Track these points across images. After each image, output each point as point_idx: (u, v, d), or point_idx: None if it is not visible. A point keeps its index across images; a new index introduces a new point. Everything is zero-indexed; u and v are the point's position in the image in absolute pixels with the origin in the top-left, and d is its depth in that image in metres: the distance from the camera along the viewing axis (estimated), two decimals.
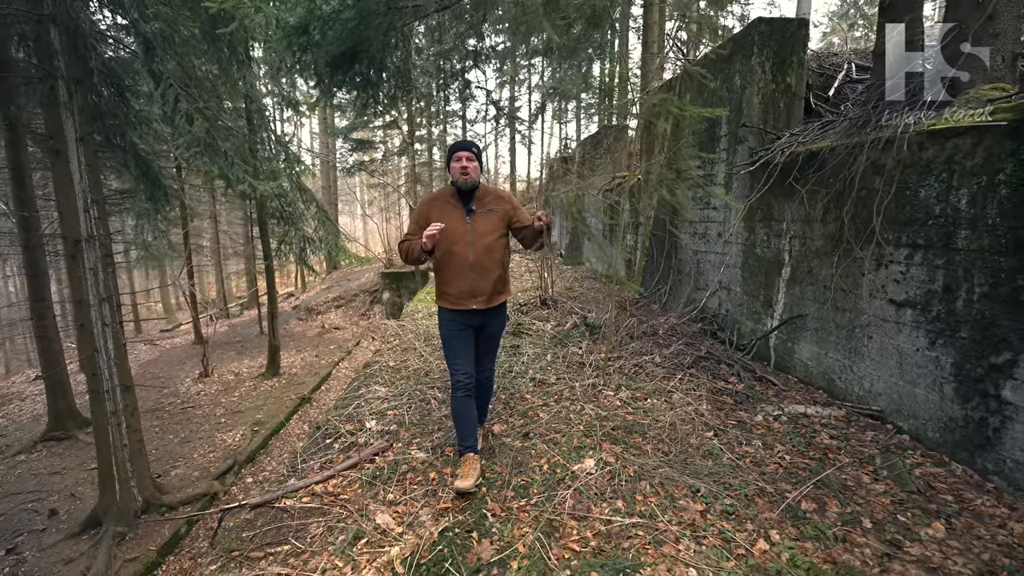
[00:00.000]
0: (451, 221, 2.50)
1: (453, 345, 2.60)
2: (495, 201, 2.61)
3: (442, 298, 2.61)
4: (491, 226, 2.55)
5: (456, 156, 2.50)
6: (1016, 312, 2.31)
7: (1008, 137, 2.33)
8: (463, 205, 2.56)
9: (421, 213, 2.59)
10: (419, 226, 2.53)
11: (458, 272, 2.51)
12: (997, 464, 2.41)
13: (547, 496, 2.40)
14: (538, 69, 19.99)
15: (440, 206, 2.57)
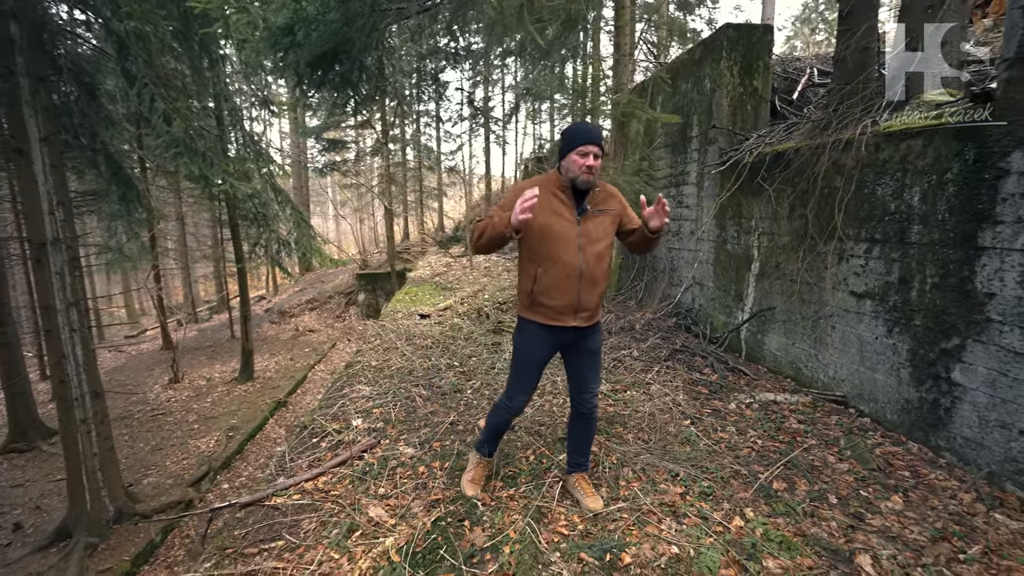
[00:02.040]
0: (558, 219, 2.01)
1: (529, 369, 2.18)
2: (607, 199, 2.13)
3: (534, 310, 2.11)
4: (603, 230, 2.09)
5: (583, 150, 1.96)
6: (963, 301, 2.51)
7: (954, 139, 2.53)
8: (575, 203, 2.06)
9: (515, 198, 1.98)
10: (506, 212, 1.98)
11: (563, 283, 2.02)
12: (948, 441, 2.61)
13: (535, 485, 2.47)
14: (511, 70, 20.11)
15: (544, 197, 2.01)
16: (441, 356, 4.63)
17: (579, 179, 1.99)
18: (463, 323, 5.81)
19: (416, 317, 6.43)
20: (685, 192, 5.32)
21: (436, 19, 6.23)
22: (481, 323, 5.76)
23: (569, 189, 2.05)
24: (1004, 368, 2.33)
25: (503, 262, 11.75)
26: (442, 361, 4.48)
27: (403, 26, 5.31)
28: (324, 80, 4.00)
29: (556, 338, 2.15)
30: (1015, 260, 2.28)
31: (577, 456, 2.41)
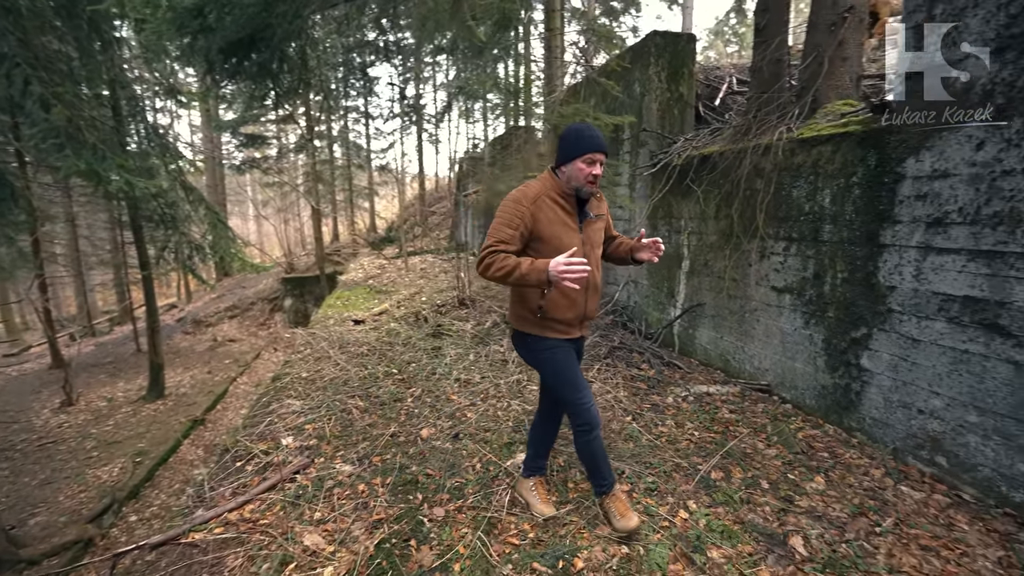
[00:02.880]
0: (565, 230, 1.89)
1: (576, 375, 2.02)
2: (600, 203, 2.06)
3: (546, 328, 1.98)
4: (600, 236, 2.04)
5: (590, 157, 1.84)
6: (869, 293, 2.75)
7: (859, 146, 2.77)
8: (577, 210, 1.95)
9: (522, 215, 1.84)
10: (518, 233, 1.83)
11: (572, 294, 1.92)
12: (859, 422, 2.85)
13: (483, 495, 2.40)
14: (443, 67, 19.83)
15: (549, 207, 1.88)
16: (378, 364, 4.43)
17: (583, 189, 1.89)
18: (401, 328, 5.61)
19: (350, 323, 6.12)
20: (618, 193, 5.47)
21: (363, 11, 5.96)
22: (420, 327, 5.58)
23: (572, 197, 1.93)
24: (904, 354, 2.58)
25: (439, 263, 11.54)
26: (379, 369, 4.28)
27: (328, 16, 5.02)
28: (240, 69, 3.66)
29: (569, 346, 2.06)
30: (911, 256, 2.52)
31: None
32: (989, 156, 2.17)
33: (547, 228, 1.87)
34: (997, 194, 2.15)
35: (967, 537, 2.03)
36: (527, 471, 2.39)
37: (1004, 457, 2.17)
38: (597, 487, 2.17)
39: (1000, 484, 2.19)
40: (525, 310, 2.00)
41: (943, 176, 2.36)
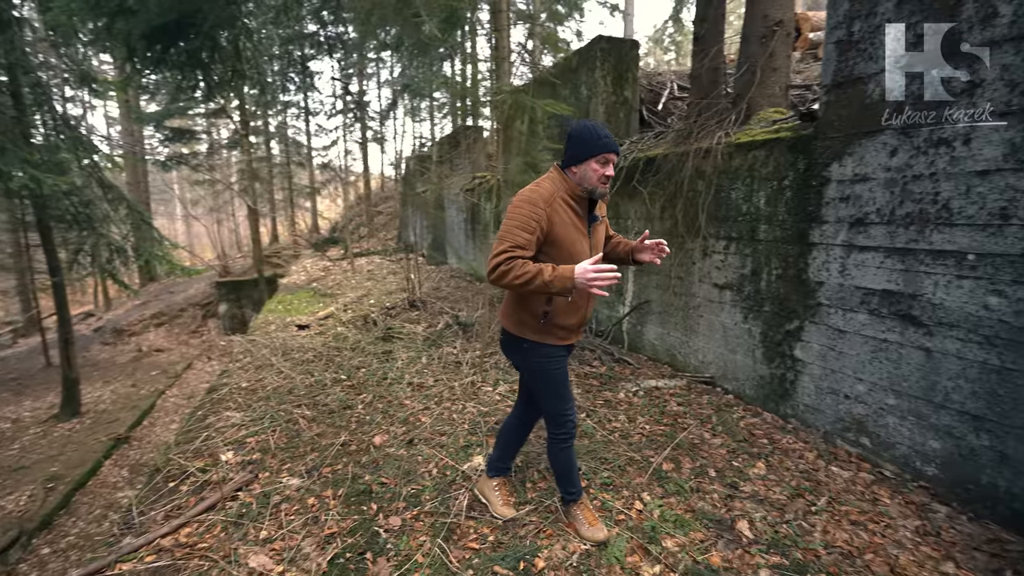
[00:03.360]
0: (578, 235, 1.83)
1: (565, 385, 2.00)
2: (603, 205, 2.01)
3: (549, 334, 1.91)
4: (603, 238, 2.00)
5: (605, 158, 1.78)
6: (800, 288, 2.95)
7: (789, 151, 2.96)
8: (587, 213, 1.89)
9: (538, 217, 1.74)
10: (534, 237, 1.73)
11: (579, 300, 1.89)
12: (794, 409, 3.05)
13: (441, 500, 2.36)
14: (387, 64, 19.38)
15: (563, 210, 1.80)
16: (326, 370, 4.25)
17: (597, 191, 1.81)
18: (348, 332, 5.42)
19: (293, 328, 5.84)
20: None
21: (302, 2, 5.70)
22: (369, 331, 5.41)
23: (585, 200, 1.85)
24: (832, 344, 2.79)
25: (387, 264, 11.27)
26: (327, 375, 4.10)
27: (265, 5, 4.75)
28: (165, 58, 3.38)
29: (566, 354, 2.02)
30: (836, 254, 2.73)
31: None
32: (901, 162, 2.39)
33: (562, 232, 1.77)
34: (909, 197, 2.36)
35: (889, 510, 2.22)
36: (492, 470, 2.36)
37: (918, 435, 2.39)
38: (567, 494, 2.16)
39: (915, 460, 2.41)
40: (527, 315, 1.90)
41: (863, 180, 2.57)
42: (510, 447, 2.34)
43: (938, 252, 2.26)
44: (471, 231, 9.15)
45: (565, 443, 2.03)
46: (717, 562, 1.93)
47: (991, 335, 2.09)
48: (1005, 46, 2.00)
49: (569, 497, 2.16)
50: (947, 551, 1.97)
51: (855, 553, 1.96)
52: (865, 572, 1.86)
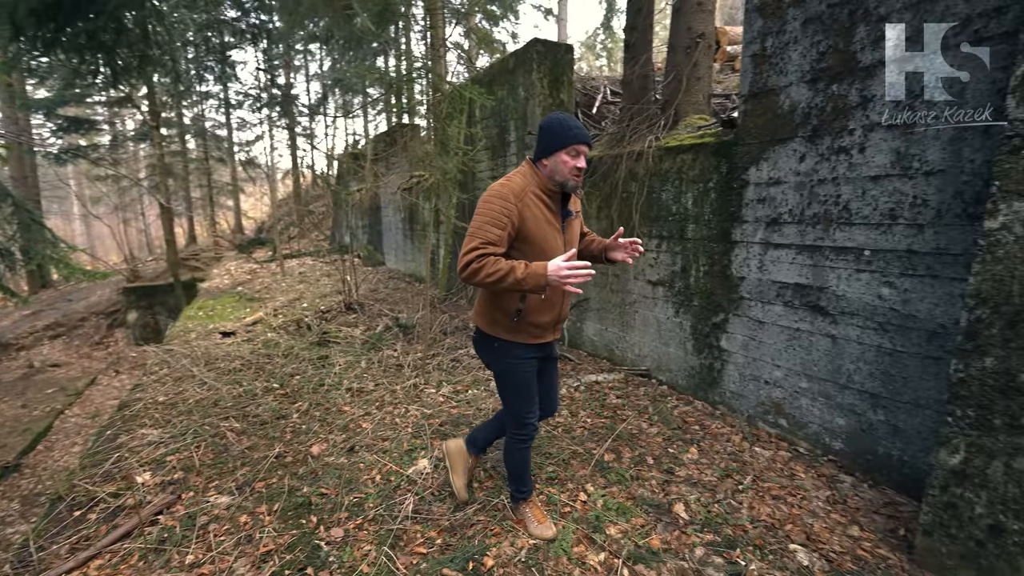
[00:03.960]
0: (551, 230, 1.79)
1: (531, 389, 1.96)
2: (576, 200, 1.99)
3: (521, 332, 1.88)
4: (577, 234, 1.96)
5: (576, 149, 1.75)
6: (725, 284, 3.17)
7: (713, 155, 3.17)
8: (560, 208, 1.86)
9: (509, 212, 1.70)
10: (506, 233, 1.70)
11: (552, 297, 1.85)
12: (720, 396, 3.27)
13: (385, 507, 2.30)
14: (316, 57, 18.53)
15: (535, 205, 1.76)
16: (256, 379, 4.00)
17: (569, 183, 1.78)
18: (280, 338, 5.13)
19: (217, 336, 5.44)
20: None
21: None
22: (302, 336, 5.16)
23: (557, 194, 1.82)
24: (752, 334, 3.02)
25: (321, 266, 10.79)
26: (257, 385, 3.86)
27: None
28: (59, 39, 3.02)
29: (538, 355, 1.98)
30: (755, 251, 2.96)
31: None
32: (809, 167, 2.63)
33: (533, 227, 1.74)
34: (815, 199, 2.61)
35: (804, 483, 2.44)
36: (471, 447, 2.35)
37: (826, 414, 2.65)
38: (517, 492, 2.18)
39: (825, 436, 2.67)
40: (499, 313, 1.87)
41: (777, 183, 2.80)
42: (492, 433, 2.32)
43: (840, 248, 2.51)
44: (409, 231, 8.97)
45: (523, 444, 2.04)
46: (657, 545, 2.03)
47: (884, 322, 2.36)
48: (892, 66, 2.26)
49: (519, 495, 2.18)
50: (852, 516, 2.19)
51: (777, 525, 2.14)
52: (786, 541, 2.03)
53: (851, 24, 2.40)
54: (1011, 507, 1.66)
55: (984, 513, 1.72)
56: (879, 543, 2.02)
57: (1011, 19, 1.88)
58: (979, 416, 1.73)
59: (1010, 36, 1.87)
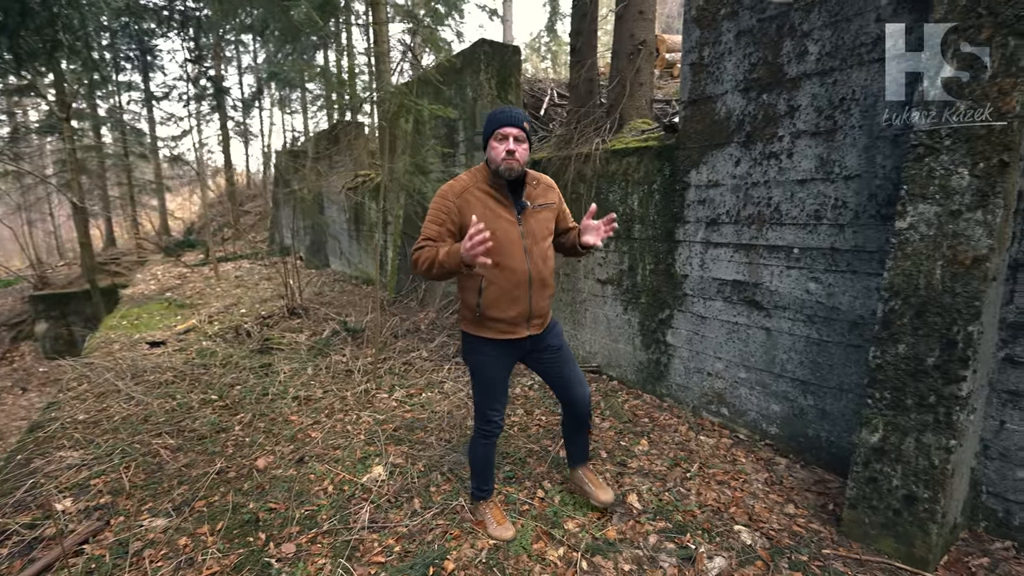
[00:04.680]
0: (499, 222, 1.79)
1: (494, 386, 1.98)
2: (547, 192, 1.94)
3: (484, 327, 1.90)
4: (546, 227, 1.91)
5: (500, 133, 1.76)
6: (669, 281, 3.31)
7: (656, 158, 3.31)
8: (512, 200, 1.84)
9: (447, 209, 1.80)
10: (443, 228, 1.80)
11: (513, 291, 1.83)
12: (668, 389, 3.42)
13: (339, 518, 2.23)
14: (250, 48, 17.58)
15: (479, 200, 1.80)
16: (191, 391, 3.74)
17: (501, 168, 1.77)
18: (217, 346, 4.83)
19: (144, 346, 5.04)
20: None
21: None
22: (242, 344, 4.88)
23: (504, 184, 1.82)
24: (695, 329, 3.18)
25: (260, 269, 10.26)
26: (193, 397, 3.62)
27: None
28: None
29: (512, 351, 1.96)
30: (697, 250, 3.12)
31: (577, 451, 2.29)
32: (743, 171, 2.81)
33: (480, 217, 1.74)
34: (750, 200, 2.79)
35: (745, 468, 2.60)
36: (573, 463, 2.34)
37: (763, 401, 2.84)
38: (477, 491, 2.19)
39: (762, 422, 2.85)
40: (465, 308, 1.95)
41: (715, 186, 2.97)
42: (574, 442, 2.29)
43: (773, 247, 2.70)
44: (355, 232, 8.71)
45: (486, 439, 2.05)
46: (613, 535, 2.09)
47: (811, 314, 2.56)
48: (813, 78, 2.46)
49: (479, 494, 2.18)
50: (788, 495, 2.37)
51: (722, 508, 2.27)
52: (731, 523, 2.16)
53: (779, 38, 2.58)
54: (922, 478, 1.85)
55: (900, 485, 1.91)
56: (812, 518, 2.19)
57: (915, 39, 2.09)
58: (894, 398, 1.92)
59: None
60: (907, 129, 1.96)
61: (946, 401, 1.79)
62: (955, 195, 1.76)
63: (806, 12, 2.45)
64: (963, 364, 1.75)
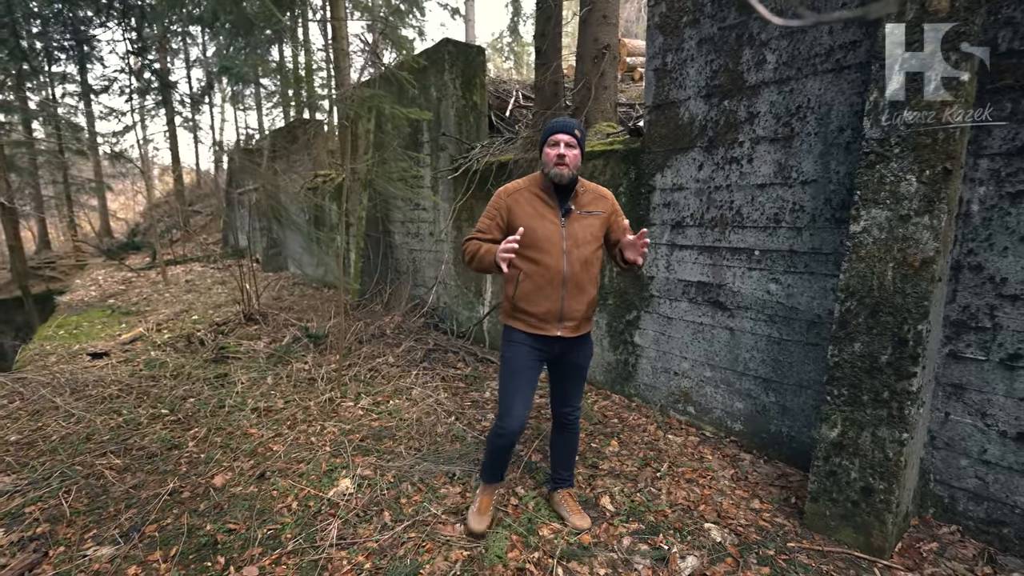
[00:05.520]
0: (542, 222, 1.92)
1: (517, 378, 2.01)
2: (596, 201, 2.02)
3: (516, 318, 2.02)
4: (591, 233, 1.97)
5: (552, 140, 1.91)
6: (636, 283, 3.36)
7: (623, 161, 3.34)
8: (558, 203, 1.96)
9: (498, 206, 1.99)
10: (493, 223, 1.99)
11: (546, 288, 1.93)
12: (636, 389, 3.47)
13: (305, 536, 2.13)
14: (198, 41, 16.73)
15: (527, 200, 1.96)
16: (139, 406, 3.51)
17: (552, 172, 1.89)
18: (167, 356, 4.55)
19: (85, 358, 4.70)
20: (422, 195, 5.48)
21: None
22: (195, 353, 4.63)
23: (551, 188, 1.94)
24: (662, 329, 3.24)
25: (213, 273, 9.79)
26: (141, 412, 3.39)
27: None
28: None
29: (541, 348, 2.02)
30: (663, 252, 3.17)
31: (562, 471, 2.30)
32: (706, 175, 2.88)
33: (521, 219, 1.93)
34: (713, 204, 2.86)
35: (712, 465, 2.67)
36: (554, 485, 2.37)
37: (728, 399, 2.92)
38: (482, 473, 2.24)
39: (727, 420, 2.93)
40: (504, 299, 2.07)
41: (679, 189, 3.03)
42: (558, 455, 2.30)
43: (735, 249, 2.78)
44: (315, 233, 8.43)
45: (499, 438, 2.05)
46: (588, 540, 2.09)
47: (772, 314, 2.65)
48: (771, 87, 2.54)
49: (483, 477, 2.23)
50: (753, 490, 2.44)
51: (692, 507, 2.31)
52: (701, 521, 2.20)
53: (738, 47, 2.65)
54: (877, 470, 1.94)
55: (858, 477, 2.00)
56: (776, 512, 2.26)
57: (864, 52, 2.19)
58: (851, 394, 2.01)
59: (864, 67, 2.19)
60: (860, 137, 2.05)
61: (899, 396, 1.88)
62: (904, 200, 1.86)
63: (764, 22, 2.53)
64: (914, 361, 1.84)
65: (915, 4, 1.81)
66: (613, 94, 4.16)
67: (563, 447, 2.27)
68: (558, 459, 2.29)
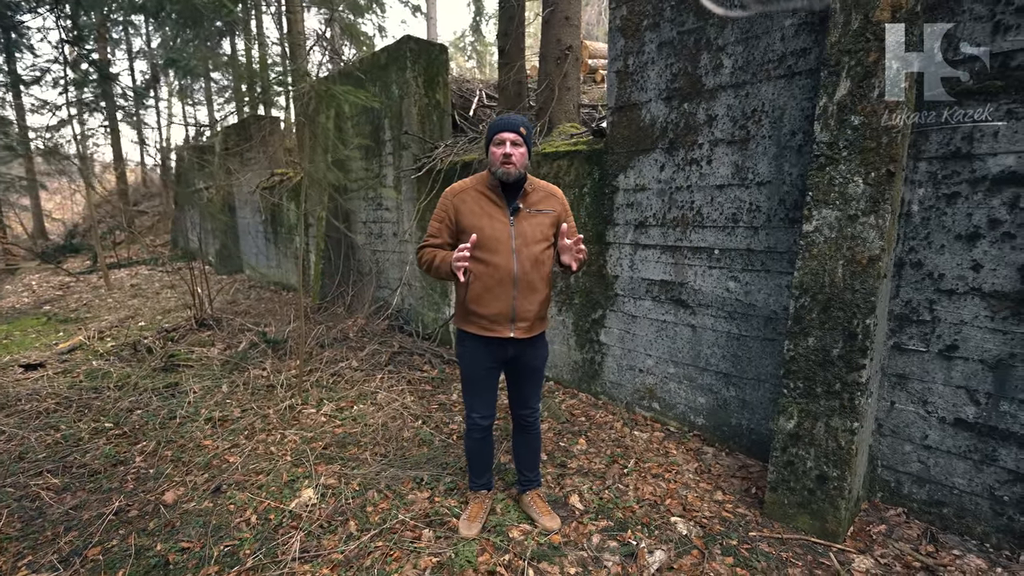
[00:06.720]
0: (490, 221, 1.90)
1: (475, 383, 2.06)
2: (547, 199, 1.99)
3: (468, 321, 1.99)
4: (541, 232, 1.93)
5: (498, 139, 1.87)
6: (602, 282, 3.40)
7: (587, 162, 3.38)
8: (507, 201, 1.92)
9: (446, 208, 1.97)
10: (443, 225, 1.98)
11: (496, 289, 1.90)
12: (602, 387, 3.51)
13: (265, 551, 2.04)
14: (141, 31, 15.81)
15: (474, 200, 1.93)
16: (79, 420, 3.27)
17: (499, 171, 1.87)
18: (110, 366, 4.27)
19: (17, 370, 4.35)
20: (384, 195, 5.37)
21: None
22: (142, 362, 4.36)
23: (499, 187, 1.92)
24: (627, 328, 3.29)
25: (161, 276, 9.28)
26: (82, 427, 3.17)
27: None
28: None
29: (496, 351, 2.00)
30: (626, 251, 3.22)
31: (527, 472, 2.30)
32: (668, 176, 2.94)
33: (468, 219, 1.91)
34: (675, 204, 2.93)
35: (676, 459, 2.73)
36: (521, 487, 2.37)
37: (690, 394, 2.99)
38: (470, 481, 2.29)
39: (690, 415, 3.01)
40: (457, 301, 2.05)
41: (642, 190, 3.08)
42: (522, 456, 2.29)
43: (696, 248, 2.85)
44: (272, 235, 8.13)
45: (471, 436, 2.15)
46: (558, 540, 2.10)
47: (731, 311, 2.73)
48: (728, 90, 2.62)
49: (470, 484, 2.29)
50: (716, 483, 2.51)
51: (659, 501, 2.36)
52: (667, 515, 2.25)
53: (696, 51, 2.72)
54: (831, 458, 2.03)
55: (813, 466, 2.09)
56: (738, 503, 2.34)
57: (813, 59, 2.29)
58: (806, 386, 2.09)
59: (814, 72, 2.29)
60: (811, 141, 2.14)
61: (849, 387, 1.98)
62: (852, 201, 1.95)
63: (720, 28, 2.61)
64: (862, 353, 1.94)
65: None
66: (576, 95, 4.20)
67: (525, 447, 2.27)
68: (522, 460, 2.29)
